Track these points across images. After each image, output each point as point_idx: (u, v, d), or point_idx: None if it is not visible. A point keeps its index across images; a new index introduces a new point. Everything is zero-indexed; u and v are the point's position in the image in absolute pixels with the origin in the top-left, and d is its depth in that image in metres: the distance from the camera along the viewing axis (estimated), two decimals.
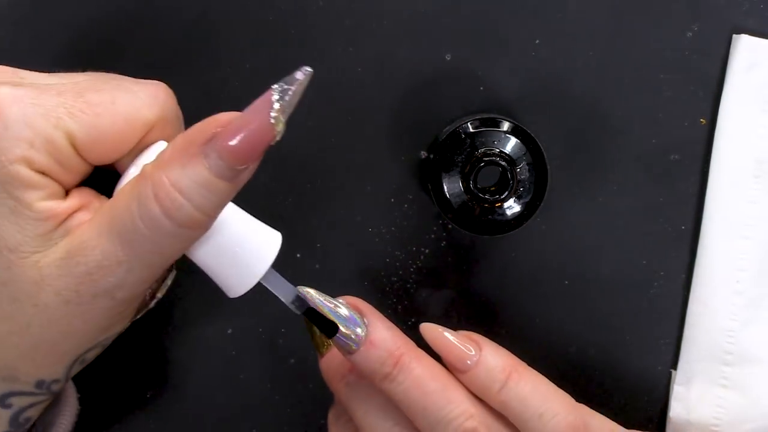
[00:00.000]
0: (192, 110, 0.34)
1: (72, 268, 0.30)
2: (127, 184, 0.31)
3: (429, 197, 0.41)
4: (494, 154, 0.38)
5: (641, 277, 0.42)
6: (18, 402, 0.33)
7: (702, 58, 0.42)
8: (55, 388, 0.34)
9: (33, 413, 0.34)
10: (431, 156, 0.41)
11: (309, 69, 0.29)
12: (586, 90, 0.42)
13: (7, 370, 0.32)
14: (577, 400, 0.34)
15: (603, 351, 0.43)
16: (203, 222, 0.30)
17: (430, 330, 0.34)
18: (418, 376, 0.33)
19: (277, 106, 0.28)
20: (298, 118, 0.42)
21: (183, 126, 0.35)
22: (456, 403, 0.33)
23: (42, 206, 0.30)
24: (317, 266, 0.42)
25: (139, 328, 0.42)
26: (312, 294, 0.33)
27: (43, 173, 0.30)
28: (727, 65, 0.42)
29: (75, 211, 0.31)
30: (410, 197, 0.42)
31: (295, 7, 0.42)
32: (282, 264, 0.42)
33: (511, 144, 0.39)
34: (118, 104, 0.31)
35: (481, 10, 0.42)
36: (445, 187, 0.39)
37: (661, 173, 0.42)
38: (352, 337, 0.33)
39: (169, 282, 0.38)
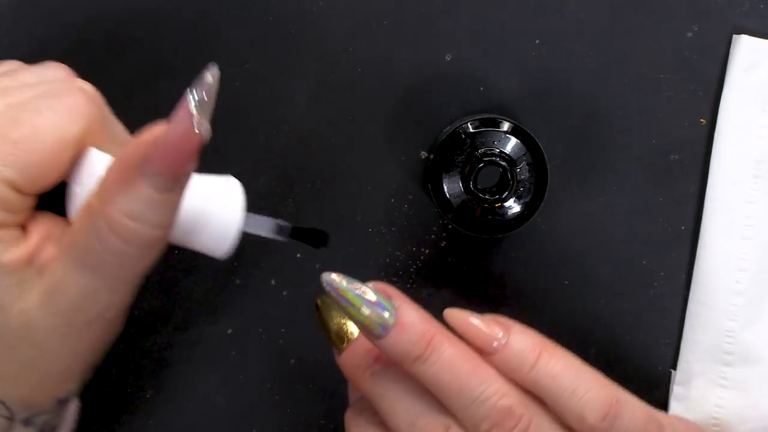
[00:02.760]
0: None
1: (55, 307, 0.30)
2: (78, 217, 0.30)
3: (429, 197, 0.41)
4: (494, 154, 0.38)
5: (641, 277, 0.42)
6: (40, 419, 0.34)
7: (702, 58, 0.42)
8: (73, 398, 0.35)
9: (56, 422, 0.35)
10: (431, 156, 0.41)
11: (215, 69, 0.28)
12: (586, 90, 0.42)
13: (24, 401, 0.33)
14: None
15: (603, 351, 0.43)
16: (165, 234, 0.30)
17: (455, 315, 0.34)
18: (451, 356, 0.32)
19: (195, 114, 0.28)
20: (297, 118, 0.42)
21: (113, 120, 0.34)
22: (490, 382, 0.32)
23: (6, 259, 0.30)
24: (317, 266, 0.42)
25: (140, 329, 0.42)
26: (335, 279, 0.32)
27: None
28: (727, 65, 0.42)
29: (40, 247, 0.31)
30: (410, 197, 0.42)
31: (295, 7, 0.42)
32: (284, 263, 0.42)
33: (511, 144, 0.39)
34: (42, 132, 0.31)
35: (481, 10, 0.42)
36: (445, 187, 0.39)
37: (661, 173, 0.42)
38: (380, 321, 0.32)
39: None
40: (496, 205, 0.39)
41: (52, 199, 0.32)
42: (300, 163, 0.42)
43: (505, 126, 0.39)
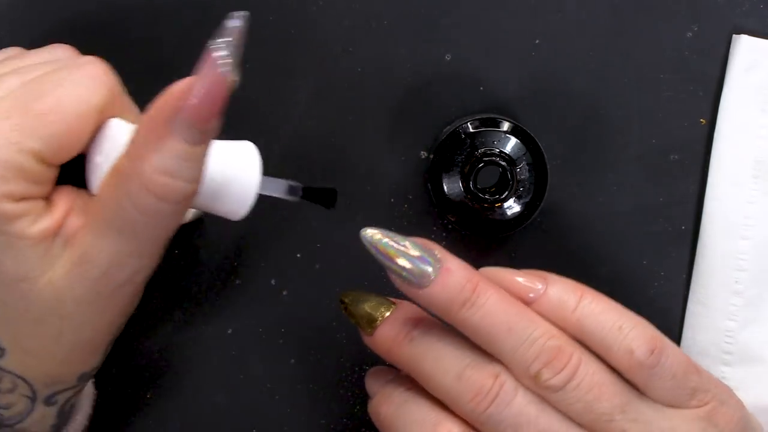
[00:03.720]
0: None
1: (84, 275, 0.31)
2: (106, 181, 0.30)
3: (429, 197, 0.41)
4: (494, 154, 0.38)
5: (641, 277, 0.42)
6: (62, 396, 0.34)
7: (702, 58, 0.42)
8: (94, 373, 0.35)
9: (75, 399, 0.35)
10: (431, 156, 0.41)
11: (242, 13, 0.28)
12: (586, 90, 0.42)
13: (49, 377, 0.33)
14: None
15: None
16: (196, 189, 0.30)
17: (492, 270, 0.34)
18: (498, 299, 0.32)
19: (222, 57, 0.28)
20: (297, 117, 0.42)
21: (124, 91, 0.35)
22: (537, 323, 0.32)
23: (34, 231, 0.30)
24: (317, 266, 0.42)
25: (139, 329, 0.42)
26: (374, 235, 0.33)
27: (23, 199, 0.30)
28: (727, 65, 0.42)
29: (64, 218, 0.31)
30: (410, 197, 0.42)
31: (295, 7, 0.42)
32: (284, 263, 0.42)
33: (511, 144, 0.39)
34: (65, 103, 0.31)
35: (481, 10, 0.42)
36: (445, 187, 0.39)
37: (661, 173, 0.42)
38: (423, 274, 0.32)
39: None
40: (496, 205, 0.39)
41: (70, 172, 0.32)
42: (300, 164, 0.42)
43: (505, 126, 0.39)
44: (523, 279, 0.34)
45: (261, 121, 0.42)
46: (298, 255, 0.42)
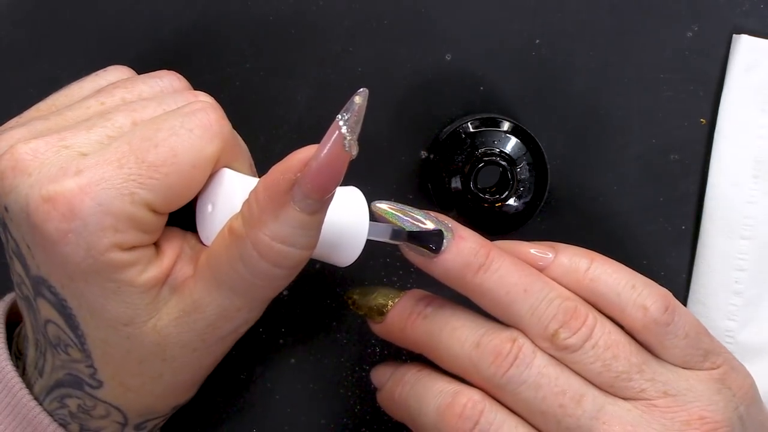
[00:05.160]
0: None
1: (192, 324, 0.31)
2: (219, 239, 0.30)
3: (429, 197, 0.41)
4: (494, 154, 0.38)
5: None
6: (152, 423, 0.35)
7: (702, 58, 0.42)
8: (185, 404, 0.36)
9: (162, 423, 0.36)
10: (431, 156, 0.41)
11: (365, 90, 0.28)
12: (586, 90, 0.42)
13: (145, 409, 0.34)
14: None
15: None
16: (310, 254, 0.31)
17: (502, 243, 0.34)
18: (512, 263, 0.33)
19: (347, 135, 0.28)
20: (297, 117, 0.42)
21: (237, 137, 0.34)
22: (552, 285, 0.33)
23: (143, 279, 0.30)
24: (317, 266, 0.42)
25: None
26: (385, 209, 0.33)
27: (134, 248, 0.30)
28: (727, 65, 0.42)
29: (172, 266, 0.31)
30: (410, 197, 0.42)
31: (295, 7, 0.42)
32: None
33: (511, 144, 0.39)
34: (180, 155, 0.30)
35: (481, 10, 0.42)
36: (446, 187, 0.39)
37: (661, 173, 0.42)
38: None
39: None
40: (496, 205, 0.39)
41: (176, 212, 0.32)
42: None
43: (505, 126, 0.39)
44: (533, 249, 0.34)
45: (261, 121, 0.42)
46: None
